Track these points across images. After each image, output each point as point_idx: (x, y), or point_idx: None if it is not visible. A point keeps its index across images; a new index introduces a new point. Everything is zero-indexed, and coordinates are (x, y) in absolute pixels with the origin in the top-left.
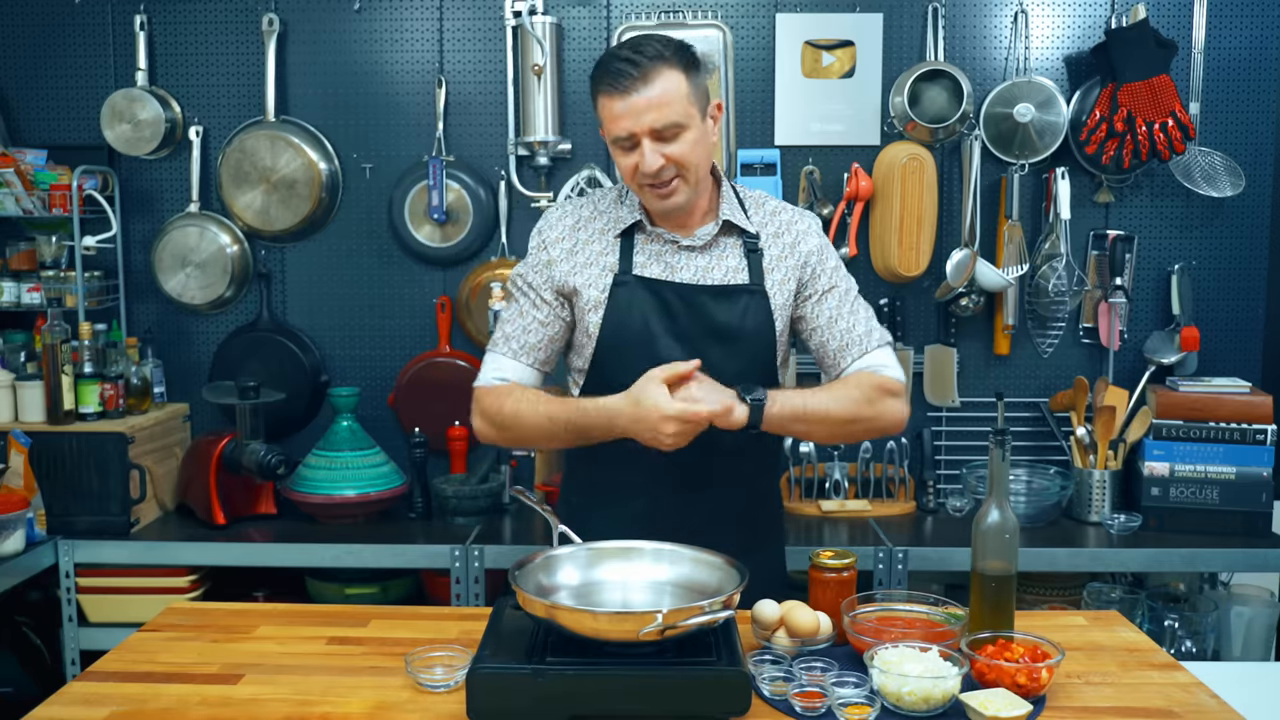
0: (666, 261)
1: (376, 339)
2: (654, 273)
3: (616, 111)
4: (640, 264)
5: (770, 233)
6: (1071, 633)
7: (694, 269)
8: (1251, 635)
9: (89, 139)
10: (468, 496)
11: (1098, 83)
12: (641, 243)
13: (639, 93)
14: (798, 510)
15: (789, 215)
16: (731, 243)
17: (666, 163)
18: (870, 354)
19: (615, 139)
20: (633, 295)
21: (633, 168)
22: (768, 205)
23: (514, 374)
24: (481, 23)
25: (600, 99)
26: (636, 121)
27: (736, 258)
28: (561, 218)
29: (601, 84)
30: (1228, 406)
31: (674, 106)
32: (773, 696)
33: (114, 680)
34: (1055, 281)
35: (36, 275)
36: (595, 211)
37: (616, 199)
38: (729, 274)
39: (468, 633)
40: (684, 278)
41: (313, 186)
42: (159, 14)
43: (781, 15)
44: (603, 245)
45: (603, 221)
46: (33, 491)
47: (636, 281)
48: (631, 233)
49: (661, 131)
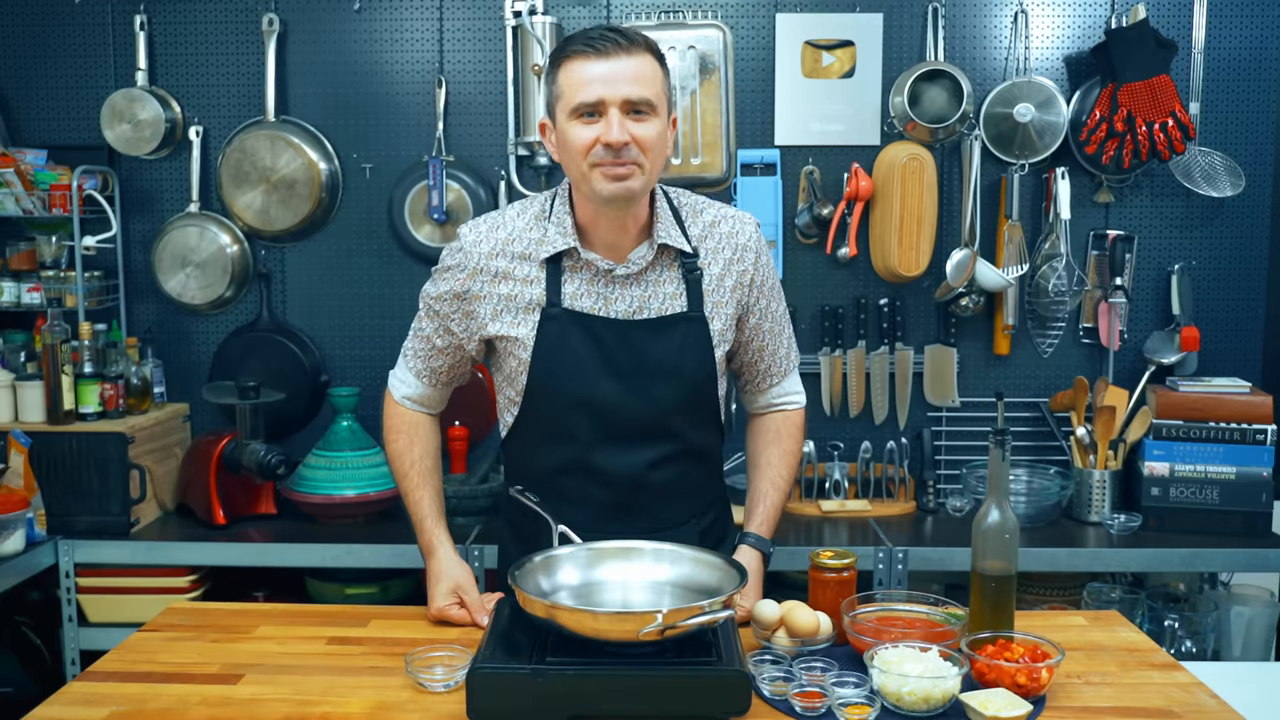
0: (599, 293)
1: (376, 339)
2: (585, 306)
3: (591, 74)
4: (570, 295)
5: (710, 248)
6: (1071, 633)
7: (628, 300)
8: (1251, 635)
9: (89, 139)
10: (468, 496)
11: (1098, 83)
12: (570, 270)
13: (621, 60)
14: (798, 510)
15: (729, 225)
16: (667, 264)
17: (631, 141)
18: (787, 378)
19: (579, 105)
20: (564, 330)
21: (591, 141)
22: (706, 214)
23: (416, 391)
24: (481, 23)
25: (569, 63)
26: (612, 88)
27: (674, 283)
28: (478, 242)
29: (576, 46)
30: (1228, 406)
31: (651, 86)
32: (773, 696)
33: (114, 680)
34: (1055, 281)
35: (36, 275)
36: (515, 232)
37: (538, 217)
38: (666, 302)
39: (468, 633)
40: (618, 310)
41: (313, 186)
42: (159, 14)
43: (781, 15)
44: (526, 272)
45: (523, 244)
46: (33, 491)
47: (567, 315)
48: (559, 259)
49: (636, 104)
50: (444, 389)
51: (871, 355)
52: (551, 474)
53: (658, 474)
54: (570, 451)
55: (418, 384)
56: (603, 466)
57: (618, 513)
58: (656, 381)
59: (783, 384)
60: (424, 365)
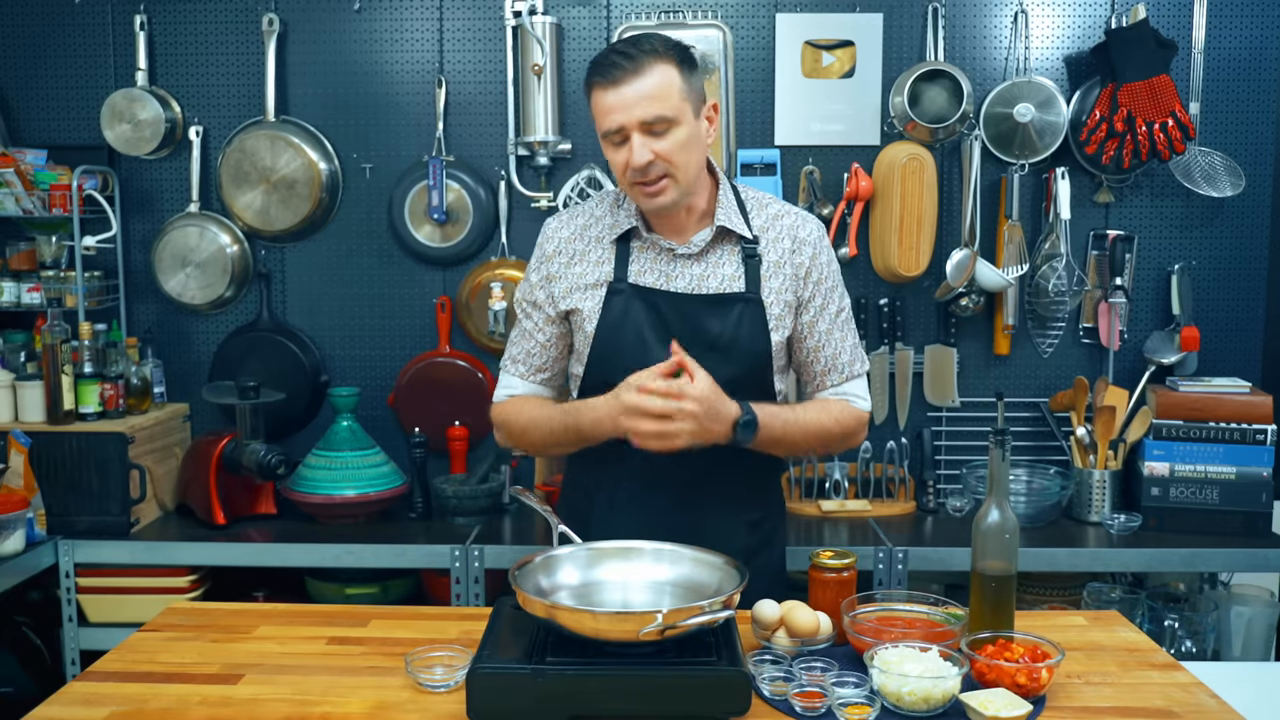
0: (661, 270)
1: (376, 339)
2: (649, 281)
3: (608, 103)
4: (635, 272)
5: (770, 237)
6: (1071, 633)
7: (689, 277)
8: (1251, 635)
9: (89, 139)
10: (468, 496)
11: (1098, 83)
12: (638, 250)
13: (630, 84)
14: (798, 510)
15: (792, 219)
16: (728, 249)
17: (655, 159)
18: (851, 381)
19: (606, 133)
20: (627, 304)
21: (623, 164)
22: (771, 208)
23: (525, 393)
24: (481, 23)
25: (593, 92)
26: (627, 114)
27: (733, 264)
28: (559, 229)
29: (594, 76)
30: (1228, 406)
31: (665, 101)
32: (773, 696)
33: (114, 680)
34: (1055, 281)
35: (36, 275)
36: (592, 218)
37: (614, 204)
38: (724, 281)
39: (468, 633)
40: (679, 286)
41: (313, 186)
42: (159, 14)
43: (781, 15)
44: (599, 253)
45: (599, 228)
46: (33, 491)
47: (631, 290)
48: (628, 239)
49: (651, 125)
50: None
51: (871, 355)
52: (607, 446)
53: (713, 453)
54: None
55: (522, 385)
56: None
57: (670, 487)
58: (712, 355)
59: (844, 386)
60: (526, 366)
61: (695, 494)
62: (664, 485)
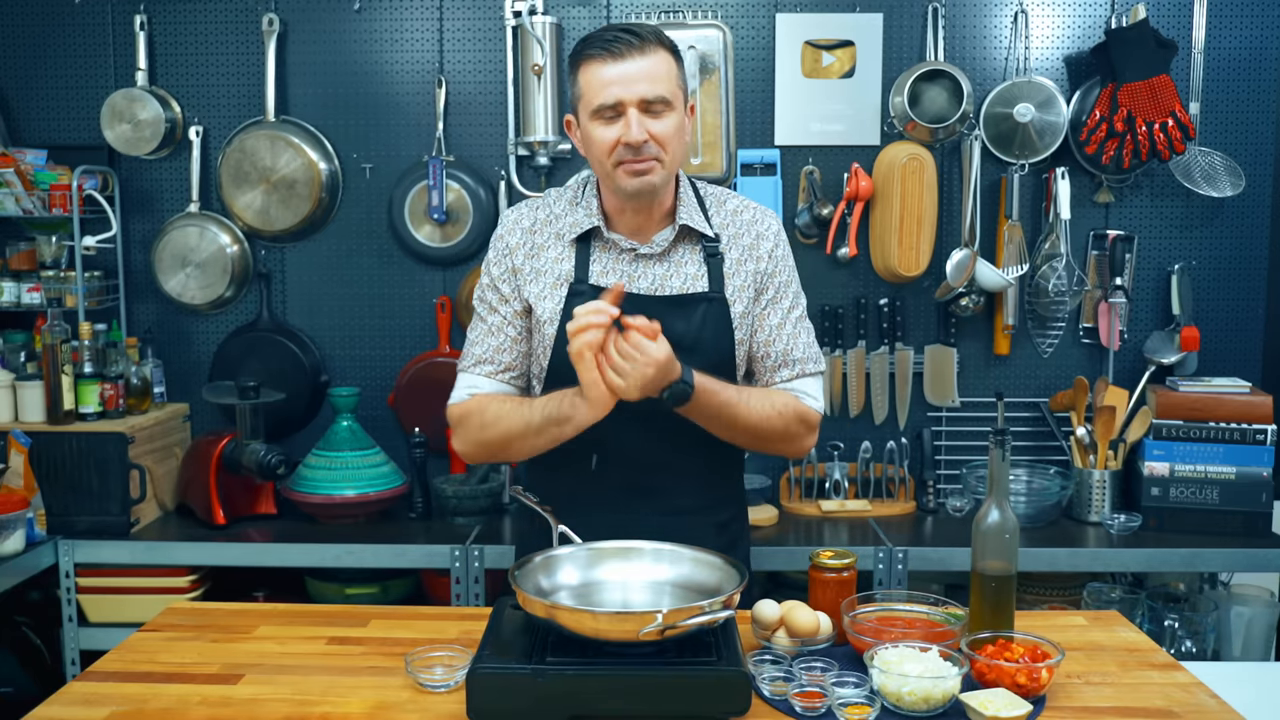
0: (623, 270)
1: (376, 339)
2: (609, 282)
3: (608, 76)
4: (597, 273)
5: (731, 234)
6: (1071, 633)
7: (651, 278)
8: (1251, 635)
9: (89, 139)
10: (468, 496)
11: (1098, 83)
12: (599, 250)
13: (634, 60)
14: (798, 510)
15: (750, 215)
16: (690, 248)
17: (649, 139)
18: (804, 379)
19: (599, 107)
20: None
21: (613, 141)
22: (729, 203)
23: (492, 392)
24: (481, 23)
25: (588, 66)
26: (628, 89)
27: (695, 264)
28: (519, 220)
29: (592, 49)
30: (1228, 406)
31: (666, 83)
32: (773, 696)
33: (114, 680)
34: (1055, 281)
35: (36, 275)
36: (551, 214)
37: (572, 201)
38: (687, 281)
39: (468, 633)
40: (641, 287)
41: (313, 186)
42: (159, 14)
43: (781, 15)
44: (558, 250)
45: (559, 225)
46: (33, 491)
47: (592, 292)
48: (588, 239)
49: (651, 104)
50: (518, 390)
51: (871, 355)
52: (573, 452)
53: (677, 456)
54: (591, 429)
55: (489, 384)
56: (623, 444)
57: (638, 494)
58: (677, 356)
59: (795, 382)
60: (494, 365)
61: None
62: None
